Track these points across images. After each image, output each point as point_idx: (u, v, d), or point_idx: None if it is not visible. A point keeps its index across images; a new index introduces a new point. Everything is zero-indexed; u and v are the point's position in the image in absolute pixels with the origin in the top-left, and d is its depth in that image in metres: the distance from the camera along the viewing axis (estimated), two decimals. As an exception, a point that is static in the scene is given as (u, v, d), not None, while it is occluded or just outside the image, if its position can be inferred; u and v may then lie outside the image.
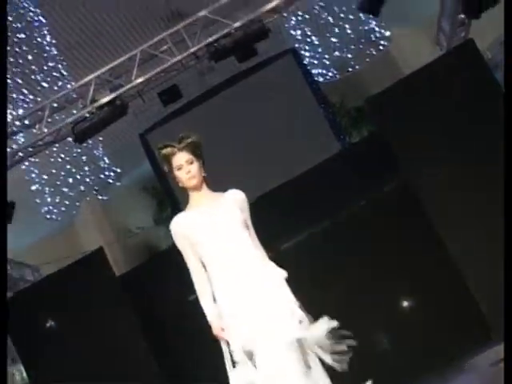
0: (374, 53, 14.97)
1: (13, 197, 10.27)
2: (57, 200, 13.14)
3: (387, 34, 14.83)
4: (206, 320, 4.38)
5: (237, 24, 9.96)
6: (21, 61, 12.79)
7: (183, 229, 4.61)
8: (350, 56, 15.09)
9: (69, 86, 11.11)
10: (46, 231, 12.93)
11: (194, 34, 10.08)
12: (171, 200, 13.52)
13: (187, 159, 4.68)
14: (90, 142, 13.14)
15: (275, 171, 11.66)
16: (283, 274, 4.52)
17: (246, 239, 4.56)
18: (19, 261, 12.51)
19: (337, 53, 15.02)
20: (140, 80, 10.15)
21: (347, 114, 15.40)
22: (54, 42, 13.15)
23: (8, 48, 12.53)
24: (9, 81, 12.67)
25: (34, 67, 12.79)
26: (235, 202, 4.70)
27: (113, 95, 10.08)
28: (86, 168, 14.19)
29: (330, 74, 15.20)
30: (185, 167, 4.67)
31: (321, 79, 15.07)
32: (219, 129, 13.07)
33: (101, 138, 14.05)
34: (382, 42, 14.96)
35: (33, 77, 12.90)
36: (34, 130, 10.51)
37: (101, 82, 10.32)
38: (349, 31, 14.77)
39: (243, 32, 9.98)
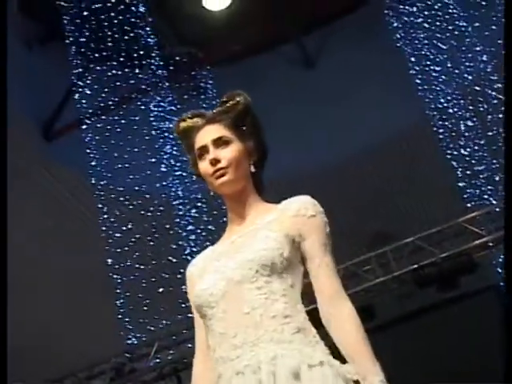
0: None
1: None
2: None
3: None
4: None
5: (444, 254, 9.90)
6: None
7: (191, 275, 2.72)
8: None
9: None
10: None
11: (400, 257, 10.08)
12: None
13: (217, 136, 2.52)
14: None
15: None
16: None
17: (269, 302, 2.50)
18: None
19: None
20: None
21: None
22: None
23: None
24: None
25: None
26: (280, 222, 2.56)
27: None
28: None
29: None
30: (211, 151, 2.53)
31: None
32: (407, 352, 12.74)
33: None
34: None
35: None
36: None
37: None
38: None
39: (449, 263, 9.88)
